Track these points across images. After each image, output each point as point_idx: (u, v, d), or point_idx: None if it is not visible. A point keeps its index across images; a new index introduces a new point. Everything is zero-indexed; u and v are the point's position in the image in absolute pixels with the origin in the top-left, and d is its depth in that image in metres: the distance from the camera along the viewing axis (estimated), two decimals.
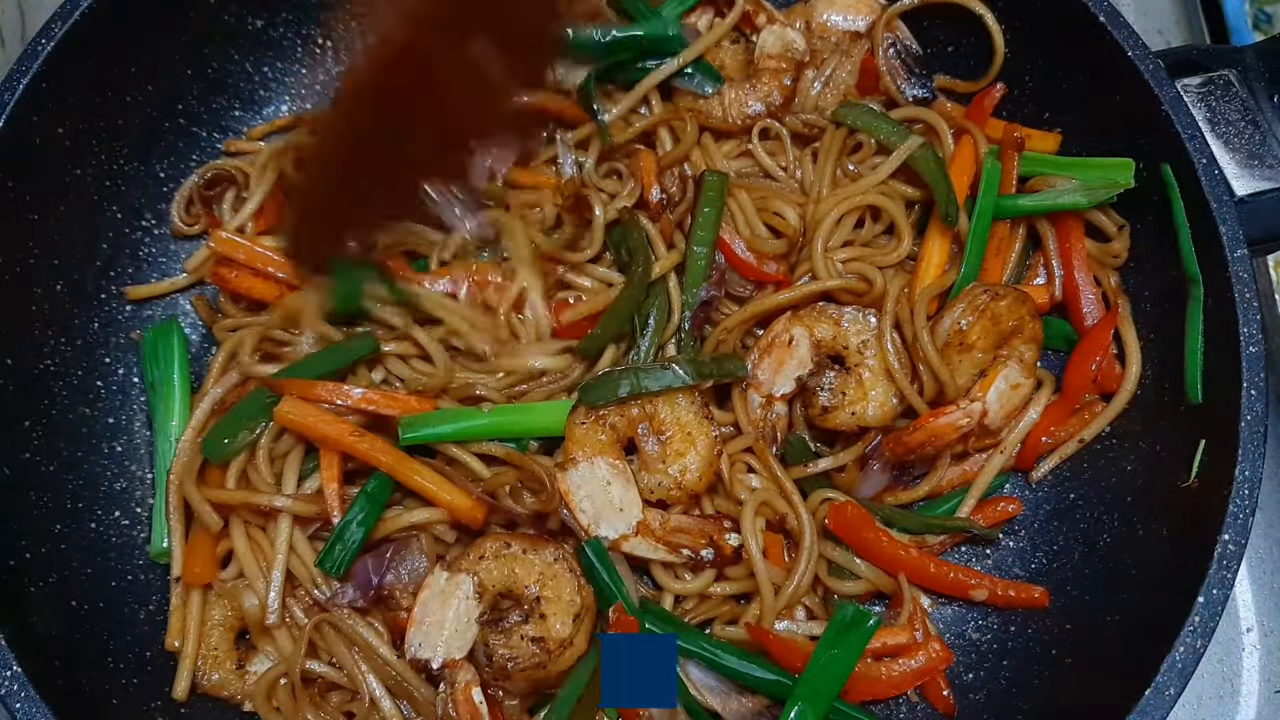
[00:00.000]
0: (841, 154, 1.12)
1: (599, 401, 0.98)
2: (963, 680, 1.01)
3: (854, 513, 0.98)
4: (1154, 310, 1.04)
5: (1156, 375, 1.03)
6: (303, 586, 0.98)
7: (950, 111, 1.15)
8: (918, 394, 1.01)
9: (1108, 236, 1.08)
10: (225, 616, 0.98)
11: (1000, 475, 1.06)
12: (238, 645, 1.00)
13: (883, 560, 0.99)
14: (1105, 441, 1.06)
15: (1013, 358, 1.03)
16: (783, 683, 0.92)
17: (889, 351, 1.01)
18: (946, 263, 1.08)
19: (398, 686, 0.94)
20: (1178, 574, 0.89)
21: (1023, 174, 1.08)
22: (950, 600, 1.04)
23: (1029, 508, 1.07)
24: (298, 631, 0.97)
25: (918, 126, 1.12)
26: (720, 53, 1.18)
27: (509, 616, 0.94)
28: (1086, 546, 1.03)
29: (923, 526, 1.02)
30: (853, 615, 0.92)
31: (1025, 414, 1.05)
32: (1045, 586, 1.01)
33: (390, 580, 0.96)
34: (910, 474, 1.07)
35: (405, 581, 0.96)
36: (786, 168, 1.14)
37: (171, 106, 1.15)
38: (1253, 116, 1.00)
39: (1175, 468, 0.95)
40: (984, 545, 1.07)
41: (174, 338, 1.07)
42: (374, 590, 0.95)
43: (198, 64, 1.16)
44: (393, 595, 0.96)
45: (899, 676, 0.96)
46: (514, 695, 0.94)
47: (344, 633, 0.95)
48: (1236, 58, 1.04)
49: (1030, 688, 0.98)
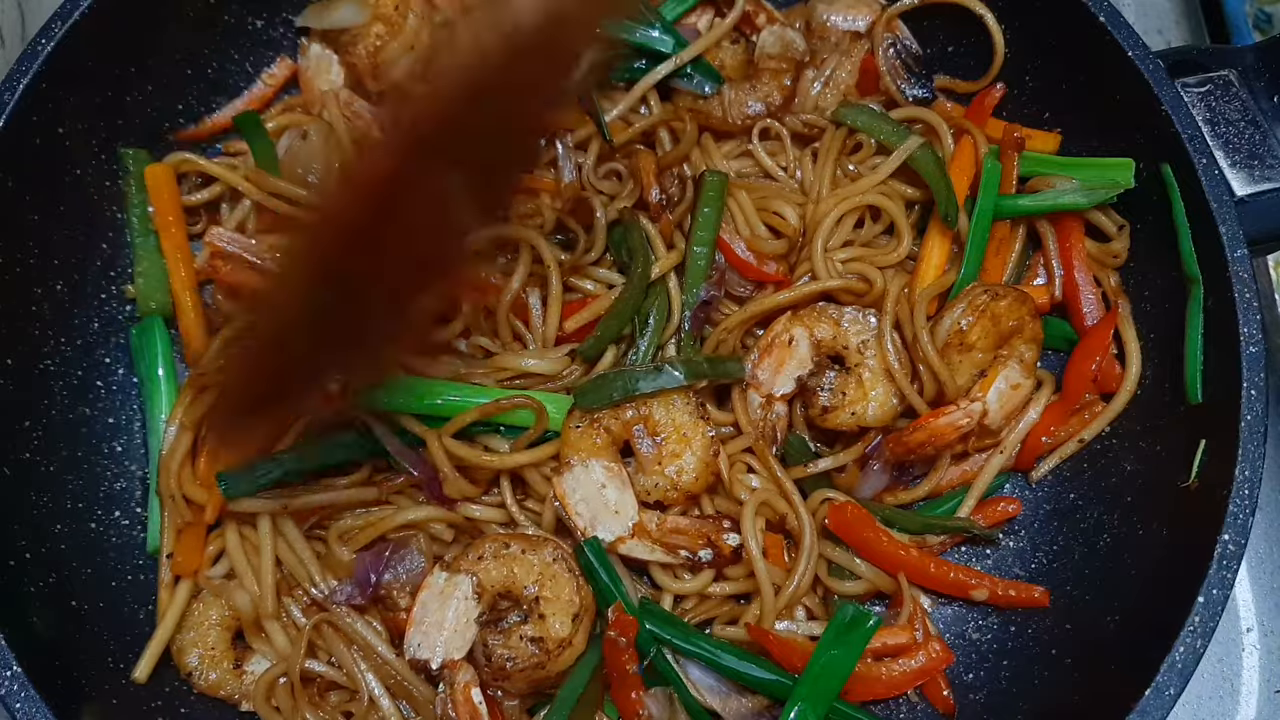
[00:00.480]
0: (841, 154, 1.12)
1: (593, 405, 0.98)
2: (963, 680, 1.01)
3: (854, 513, 0.98)
4: (1154, 310, 1.04)
5: (1156, 375, 1.03)
6: (300, 586, 0.98)
7: (950, 111, 1.15)
8: (918, 394, 1.01)
9: (1108, 236, 1.08)
10: (223, 616, 0.98)
11: (1000, 475, 1.06)
12: (235, 645, 1.00)
13: (883, 560, 0.99)
14: (1105, 441, 1.06)
15: (1013, 358, 1.02)
16: (783, 683, 0.92)
17: (889, 351, 1.01)
18: (946, 263, 1.08)
19: (397, 686, 0.94)
20: (1178, 574, 0.89)
21: (1023, 174, 1.08)
22: (950, 600, 1.04)
23: (1029, 508, 1.07)
24: (295, 631, 0.97)
25: (918, 126, 1.12)
26: (720, 53, 1.18)
27: (508, 616, 0.94)
28: (1086, 546, 1.02)
29: (923, 526, 1.02)
30: (853, 615, 0.92)
31: (1025, 414, 1.05)
32: (1045, 586, 1.01)
33: (388, 579, 0.96)
34: (910, 474, 1.07)
35: (403, 581, 0.96)
36: (786, 168, 1.14)
37: (171, 106, 1.15)
38: (1253, 116, 1.00)
39: (1175, 468, 0.95)
40: (984, 545, 1.07)
41: (155, 334, 1.07)
42: (372, 588, 0.95)
43: (198, 64, 1.16)
44: (390, 595, 0.96)
45: (899, 676, 0.96)
46: (513, 695, 0.94)
47: (343, 632, 0.95)
48: (1236, 58, 1.04)
49: (1030, 688, 0.98)
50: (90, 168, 1.08)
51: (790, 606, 0.98)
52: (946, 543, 1.04)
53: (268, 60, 1.21)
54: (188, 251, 1.10)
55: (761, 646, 0.94)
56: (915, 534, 1.02)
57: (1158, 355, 1.03)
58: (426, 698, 0.93)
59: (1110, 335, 1.04)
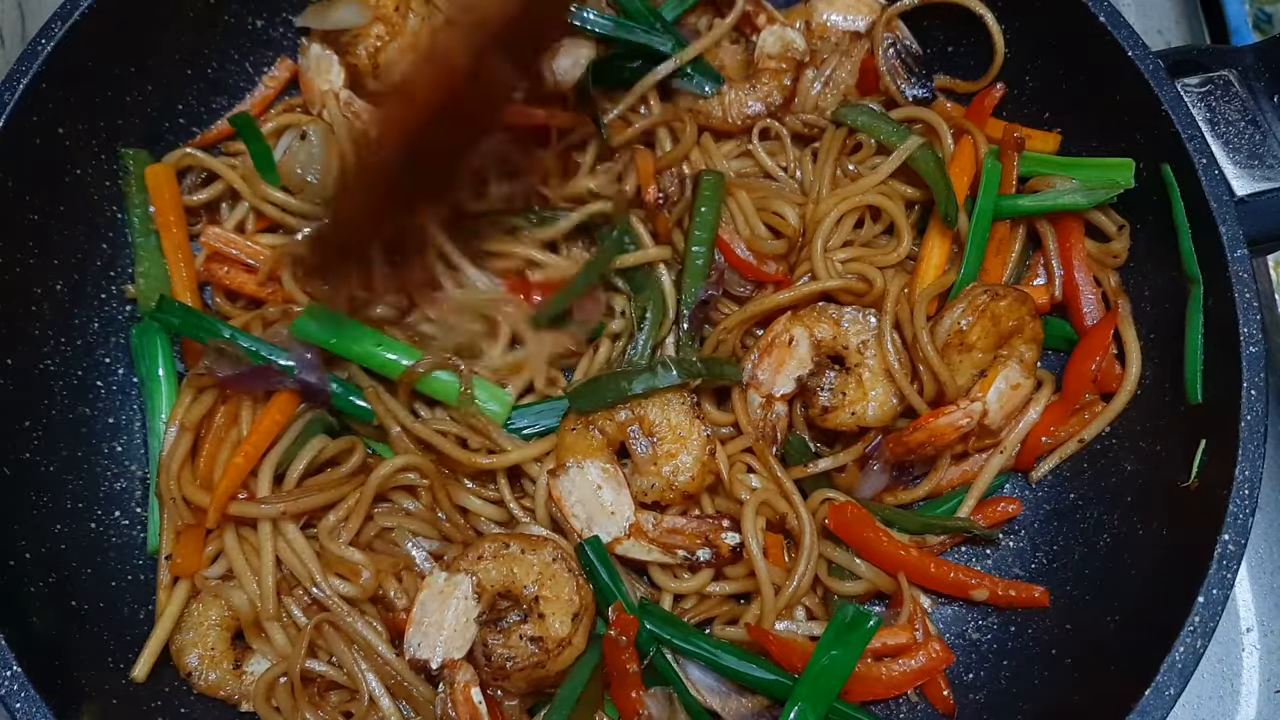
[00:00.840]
0: (841, 154, 1.12)
1: (588, 409, 0.98)
2: (963, 680, 1.01)
3: (854, 513, 0.98)
4: (1154, 310, 1.04)
5: (1156, 375, 1.03)
6: (301, 585, 0.98)
7: (950, 112, 1.15)
8: (918, 394, 1.01)
9: (1108, 236, 1.08)
10: (222, 617, 0.98)
11: (1000, 475, 1.06)
12: (234, 645, 1.00)
13: (883, 560, 0.99)
14: (1105, 441, 1.05)
15: (1013, 358, 1.02)
16: (782, 683, 0.92)
17: (889, 351, 1.01)
18: (946, 263, 1.08)
19: (397, 686, 0.94)
20: (1178, 574, 0.89)
21: (1023, 174, 1.08)
22: (950, 600, 1.04)
23: (1029, 508, 1.07)
24: (295, 631, 0.97)
25: (917, 126, 1.12)
26: (720, 53, 1.18)
27: (508, 616, 0.94)
28: (1086, 546, 1.02)
29: (923, 526, 1.02)
30: (853, 615, 0.92)
31: (1025, 414, 1.05)
32: (1045, 586, 1.01)
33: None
34: (910, 474, 1.07)
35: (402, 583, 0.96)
36: (786, 168, 1.14)
37: (171, 106, 1.15)
38: (1253, 116, 1.00)
39: (1175, 468, 0.95)
40: (984, 545, 1.07)
41: (155, 334, 1.07)
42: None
43: (198, 64, 1.16)
44: (388, 596, 0.96)
45: (899, 676, 0.96)
46: (513, 695, 0.94)
47: (344, 631, 0.95)
48: (1236, 58, 1.04)
49: (1030, 688, 0.98)
50: (90, 168, 1.08)
51: (790, 606, 0.98)
52: (946, 543, 1.04)
53: (268, 60, 1.21)
54: (188, 251, 1.10)
55: (761, 646, 0.94)
56: (915, 534, 1.02)
57: (1158, 355, 1.03)
58: (426, 698, 0.93)
59: (1110, 335, 1.04)
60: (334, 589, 0.96)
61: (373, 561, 0.96)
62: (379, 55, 1.12)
